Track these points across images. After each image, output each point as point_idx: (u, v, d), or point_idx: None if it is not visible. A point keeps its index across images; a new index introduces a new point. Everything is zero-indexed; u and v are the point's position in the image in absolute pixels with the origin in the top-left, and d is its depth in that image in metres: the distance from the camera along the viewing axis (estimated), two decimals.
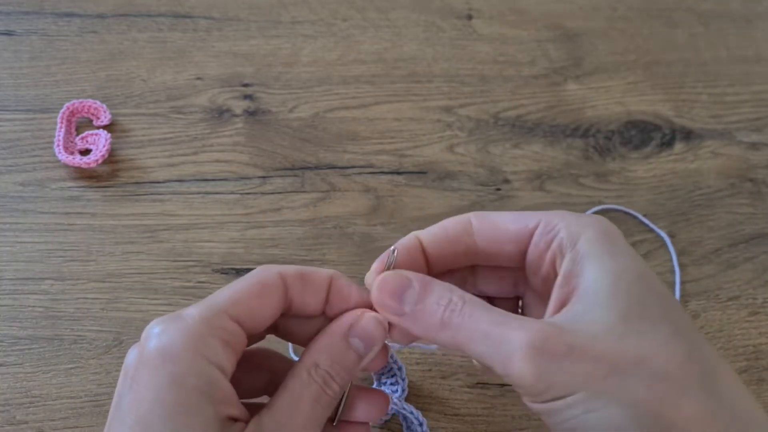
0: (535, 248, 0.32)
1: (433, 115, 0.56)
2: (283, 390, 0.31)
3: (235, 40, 0.59)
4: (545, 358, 0.27)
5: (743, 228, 0.53)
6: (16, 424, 0.42)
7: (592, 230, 0.31)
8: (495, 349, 0.29)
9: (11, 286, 0.46)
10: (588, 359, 0.27)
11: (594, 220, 0.32)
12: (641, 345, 0.27)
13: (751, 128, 0.58)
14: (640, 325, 0.28)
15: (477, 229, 0.33)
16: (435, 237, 0.33)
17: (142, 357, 0.29)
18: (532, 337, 0.28)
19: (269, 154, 0.53)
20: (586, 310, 0.29)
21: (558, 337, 0.28)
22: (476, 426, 0.43)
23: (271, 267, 0.32)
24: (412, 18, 0.62)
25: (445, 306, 0.30)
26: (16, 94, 0.54)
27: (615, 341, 0.27)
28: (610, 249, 0.30)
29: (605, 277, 0.29)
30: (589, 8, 0.64)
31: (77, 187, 0.51)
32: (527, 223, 0.32)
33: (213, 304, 0.30)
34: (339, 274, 0.33)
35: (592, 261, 0.30)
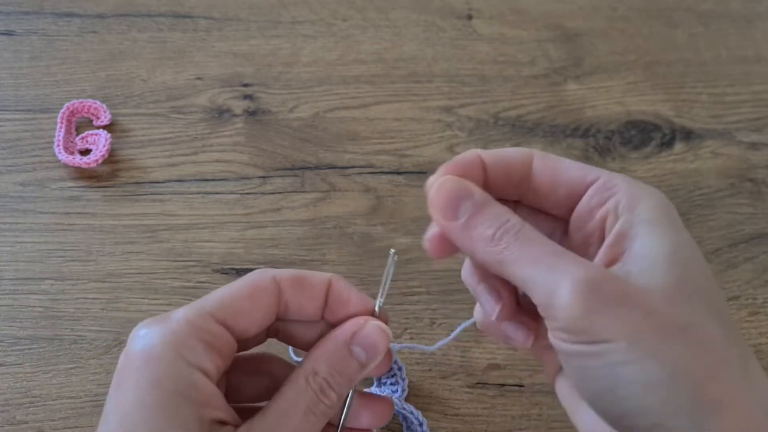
0: (587, 201, 0.31)
1: (433, 115, 0.56)
2: (279, 396, 0.30)
3: (235, 40, 0.59)
4: (598, 297, 0.27)
5: (743, 228, 0.53)
6: (16, 424, 0.42)
7: (653, 199, 0.30)
8: (544, 274, 0.28)
9: (11, 286, 0.46)
10: (640, 311, 0.27)
11: (655, 190, 0.31)
12: (692, 313, 0.27)
13: (751, 128, 0.58)
14: (693, 293, 0.28)
15: (536, 164, 0.32)
16: (495, 159, 0.32)
17: (126, 359, 0.29)
18: (588, 273, 0.27)
19: (269, 154, 0.53)
20: (640, 270, 0.28)
21: (614, 281, 0.27)
22: (476, 426, 0.43)
23: (267, 271, 0.31)
24: (412, 18, 0.62)
25: (501, 224, 0.29)
26: (16, 94, 0.54)
27: (668, 302, 0.27)
28: (670, 221, 0.29)
29: (663, 245, 0.28)
30: (589, 8, 0.64)
31: (77, 187, 0.51)
32: (586, 175, 0.31)
33: (200, 307, 0.30)
34: (338, 278, 0.33)
35: (652, 228, 0.29)
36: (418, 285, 0.48)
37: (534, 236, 0.29)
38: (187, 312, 0.29)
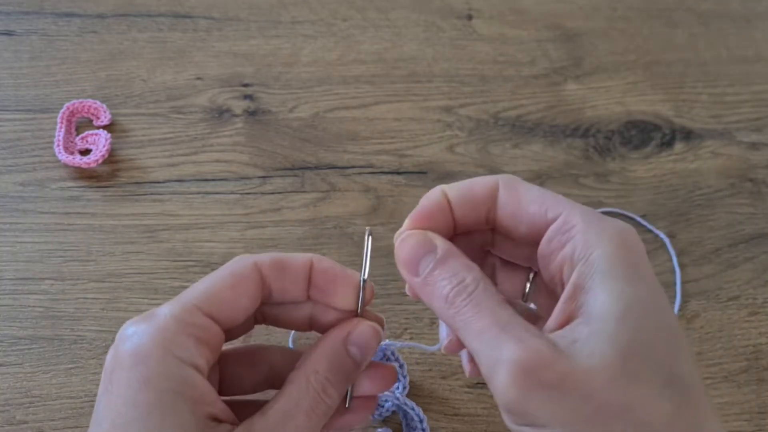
0: (547, 244, 0.30)
1: (433, 115, 0.56)
2: (280, 396, 0.30)
3: (235, 40, 0.59)
4: (533, 381, 0.26)
5: (743, 228, 0.53)
6: (16, 424, 0.42)
7: (611, 244, 0.28)
8: (487, 351, 0.27)
9: (11, 286, 0.46)
10: (576, 395, 0.26)
11: (616, 231, 0.29)
12: (633, 391, 0.26)
13: (751, 128, 0.58)
14: (639, 366, 0.26)
15: (501, 196, 0.31)
16: (461, 195, 0.32)
17: (115, 359, 0.28)
18: (524, 356, 0.26)
19: (269, 154, 0.53)
20: (589, 336, 0.27)
21: (551, 364, 0.26)
22: (476, 426, 0.43)
23: (246, 257, 0.31)
24: (412, 18, 0.62)
25: (456, 284, 0.29)
26: (16, 94, 0.54)
27: (608, 381, 0.26)
28: (626, 271, 0.28)
29: (616, 303, 0.27)
30: (589, 8, 0.64)
31: (77, 187, 0.51)
32: (547, 213, 0.30)
33: (185, 301, 0.29)
34: (319, 258, 0.32)
35: (605, 281, 0.27)
36: None
37: (486, 299, 0.28)
38: (173, 307, 0.29)
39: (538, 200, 0.31)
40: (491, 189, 0.32)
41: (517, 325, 0.28)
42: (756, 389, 0.46)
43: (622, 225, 0.30)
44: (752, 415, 0.45)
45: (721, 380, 0.46)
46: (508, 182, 0.32)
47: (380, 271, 0.48)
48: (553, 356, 0.26)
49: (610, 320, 0.27)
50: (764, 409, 0.45)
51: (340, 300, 0.32)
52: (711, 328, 0.48)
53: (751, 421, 0.45)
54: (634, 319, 0.27)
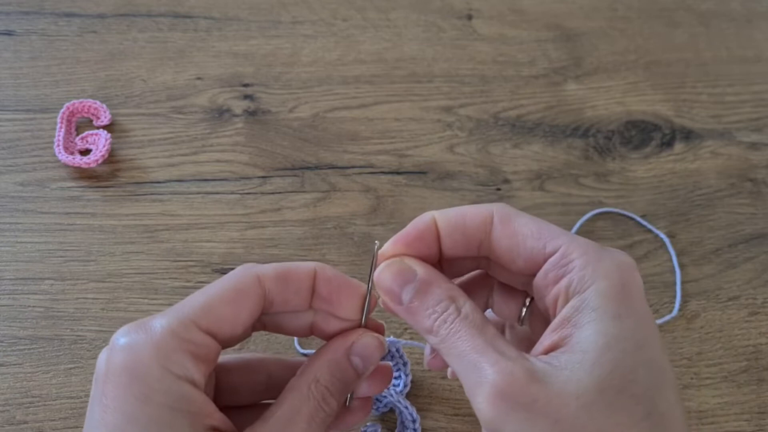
0: (543, 276, 0.30)
1: (433, 115, 0.56)
2: (281, 403, 0.30)
3: (235, 40, 0.59)
4: (506, 404, 0.27)
5: (743, 228, 0.53)
6: (16, 424, 0.42)
7: (606, 282, 0.29)
8: (466, 374, 0.28)
9: (11, 286, 0.46)
10: (547, 419, 0.27)
11: (614, 268, 0.29)
12: (608, 421, 0.27)
13: (751, 128, 0.58)
14: (616, 397, 0.27)
15: (496, 230, 0.31)
16: (451, 224, 0.31)
17: (109, 371, 0.28)
18: (500, 379, 0.27)
19: (269, 154, 0.53)
20: (568, 364, 0.28)
21: (525, 386, 0.27)
22: (476, 426, 0.43)
23: (249, 270, 0.31)
24: (412, 18, 0.62)
25: (439, 314, 0.30)
26: (16, 94, 0.54)
27: (582, 408, 0.27)
28: (617, 308, 0.28)
29: (600, 339, 0.28)
30: (589, 8, 0.64)
31: (77, 187, 0.51)
32: (545, 247, 0.30)
33: (182, 315, 0.29)
34: (323, 268, 0.32)
35: (594, 318, 0.28)
36: None
37: (466, 326, 0.29)
38: (170, 321, 0.28)
39: (535, 234, 0.31)
40: (484, 221, 0.31)
41: (494, 349, 0.28)
42: (756, 389, 0.46)
43: (620, 259, 0.30)
44: (752, 415, 0.45)
45: (721, 380, 0.46)
46: (503, 215, 0.31)
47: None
48: (527, 379, 0.27)
49: (591, 352, 0.27)
50: (764, 409, 0.45)
51: (345, 310, 0.32)
52: (711, 328, 0.48)
53: (751, 421, 0.45)
54: (616, 353, 0.27)
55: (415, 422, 0.42)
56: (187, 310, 0.29)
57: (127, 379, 0.27)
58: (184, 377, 0.28)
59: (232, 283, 0.30)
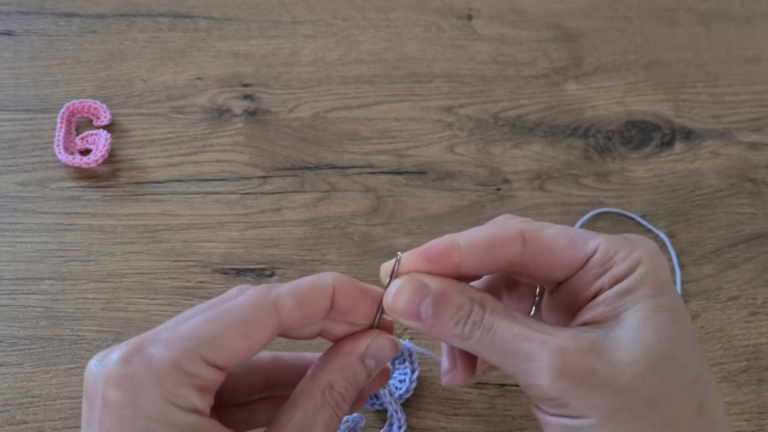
0: (584, 275, 0.31)
1: (433, 115, 0.56)
2: (294, 409, 0.30)
3: (235, 40, 0.59)
4: (567, 380, 0.28)
5: (743, 228, 0.53)
6: (16, 424, 0.42)
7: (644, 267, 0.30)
8: (515, 362, 0.29)
9: (11, 286, 0.46)
10: (607, 388, 0.28)
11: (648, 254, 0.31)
12: (662, 387, 0.28)
13: (751, 128, 0.58)
14: (666, 364, 0.28)
15: (531, 251, 0.31)
16: (477, 251, 0.30)
17: (107, 402, 0.27)
18: (555, 358, 0.28)
19: (269, 154, 0.53)
20: (612, 337, 0.29)
21: (580, 358, 0.28)
22: (476, 426, 0.43)
23: (265, 298, 0.29)
24: (412, 18, 0.62)
25: (466, 318, 0.29)
26: (16, 94, 0.54)
27: (637, 376, 0.28)
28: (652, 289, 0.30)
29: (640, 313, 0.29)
30: (589, 8, 0.64)
31: (77, 187, 0.51)
32: (585, 250, 0.31)
33: (187, 345, 0.27)
34: (341, 281, 0.31)
35: (632, 298, 0.30)
36: None
37: (499, 319, 0.29)
38: (173, 351, 0.27)
39: (570, 243, 0.31)
40: (513, 240, 0.31)
41: (536, 330, 0.29)
42: (756, 389, 0.46)
43: (650, 245, 0.31)
44: (752, 415, 0.45)
45: (721, 380, 0.46)
46: (531, 230, 0.31)
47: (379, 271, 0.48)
48: (579, 352, 0.28)
49: (636, 324, 0.29)
50: (764, 409, 0.45)
51: (361, 318, 0.32)
52: (711, 328, 0.48)
53: (751, 421, 0.45)
54: (656, 323, 0.29)
55: (401, 429, 0.42)
56: (194, 342, 0.27)
57: (130, 412, 0.26)
58: (189, 409, 0.27)
59: (247, 313, 0.28)
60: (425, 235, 0.50)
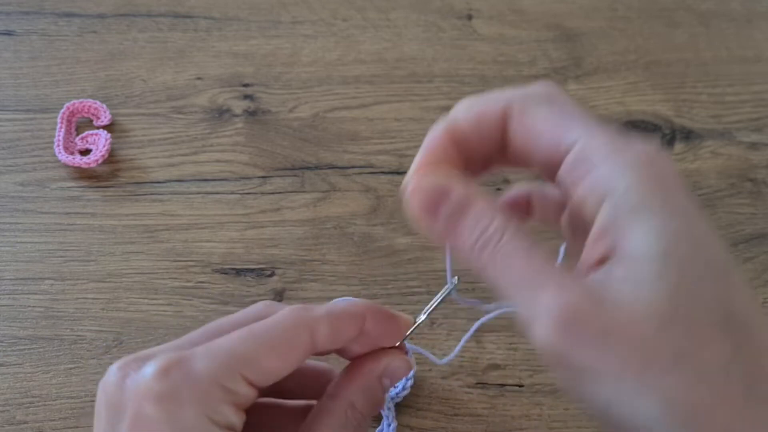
0: (564, 178, 0.27)
1: (434, 116, 0.56)
2: (320, 427, 0.30)
3: (235, 40, 0.59)
4: (574, 334, 0.24)
5: (743, 228, 0.53)
6: (16, 424, 0.42)
7: (640, 173, 0.25)
8: (522, 301, 0.25)
9: (11, 286, 0.46)
10: (624, 346, 0.24)
11: (645, 157, 0.26)
12: (685, 337, 0.24)
13: (751, 128, 0.58)
14: (690, 308, 0.24)
15: (512, 128, 0.28)
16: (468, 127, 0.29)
17: (141, 415, 0.26)
18: (563, 307, 0.24)
19: (269, 154, 0.53)
20: (630, 279, 0.24)
21: (593, 314, 0.24)
22: (476, 426, 0.43)
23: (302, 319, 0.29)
24: (412, 18, 0.62)
25: (480, 233, 0.26)
26: (16, 94, 0.54)
27: (657, 329, 0.24)
28: (661, 202, 0.25)
29: (657, 242, 0.24)
30: (589, 8, 0.64)
31: (77, 187, 0.51)
32: (561, 140, 0.27)
33: (229, 362, 0.27)
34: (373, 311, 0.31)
35: (639, 216, 0.25)
36: (418, 285, 0.48)
37: (514, 247, 0.26)
38: (215, 367, 0.27)
39: (551, 127, 0.27)
40: (501, 116, 0.28)
41: (552, 272, 0.25)
42: None
43: (649, 148, 0.26)
44: None
45: None
46: (520, 106, 0.28)
47: (380, 271, 0.48)
48: (595, 304, 0.24)
49: (650, 260, 0.24)
50: None
51: (388, 343, 0.32)
52: None
53: None
54: (678, 257, 0.24)
55: (390, 426, 0.42)
56: (234, 359, 0.27)
57: (168, 429, 0.26)
58: (227, 426, 0.27)
59: (285, 334, 0.28)
60: (425, 235, 0.50)
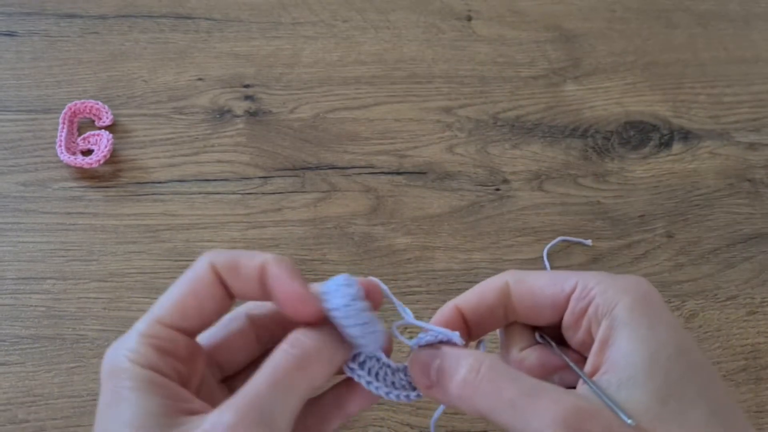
0: (571, 314, 0.32)
1: (433, 116, 0.57)
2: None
3: (236, 41, 0.59)
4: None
5: (741, 228, 0.53)
6: (18, 423, 0.42)
7: (629, 296, 0.30)
8: (522, 420, 0.27)
9: (13, 286, 0.46)
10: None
11: (632, 284, 0.31)
12: (679, 428, 0.27)
13: (749, 128, 0.58)
14: (678, 405, 0.27)
15: (515, 293, 0.33)
16: (473, 305, 0.33)
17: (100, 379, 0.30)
18: (565, 414, 0.26)
19: (270, 155, 0.54)
20: (620, 384, 0.28)
21: (593, 416, 0.27)
22: (476, 426, 0.43)
23: (205, 258, 0.30)
24: (411, 19, 0.62)
25: (467, 370, 0.29)
26: (18, 94, 0.55)
27: (651, 424, 0.27)
28: (647, 319, 0.29)
29: (642, 350, 0.28)
30: (588, 9, 0.64)
31: (79, 187, 0.51)
32: (563, 287, 0.32)
33: (149, 316, 0.30)
34: (274, 261, 0.30)
35: (628, 331, 0.29)
36: (418, 285, 0.48)
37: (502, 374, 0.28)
38: (140, 323, 0.30)
39: (550, 283, 0.32)
40: (501, 289, 0.33)
41: (543, 388, 0.28)
42: (754, 388, 0.46)
43: (635, 278, 0.31)
44: (750, 414, 0.45)
45: None
46: (516, 276, 0.33)
47: (380, 271, 0.48)
48: (593, 409, 0.27)
49: (639, 366, 0.28)
50: (762, 408, 0.45)
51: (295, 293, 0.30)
52: (709, 328, 0.48)
53: (750, 420, 0.45)
54: (662, 363, 0.28)
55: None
56: (153, 311, 0.30)
57: (105, 378, 0.29)
58: (149, 366, 0.29)
59: (188, 277, 0.30)
60: (425, 235, 0.51)
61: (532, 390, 0.28)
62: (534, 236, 0.51)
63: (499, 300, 0.33)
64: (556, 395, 0.27)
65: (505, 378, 0.28)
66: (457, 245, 0.50)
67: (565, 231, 0.51)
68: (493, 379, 0.28)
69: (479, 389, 0.28)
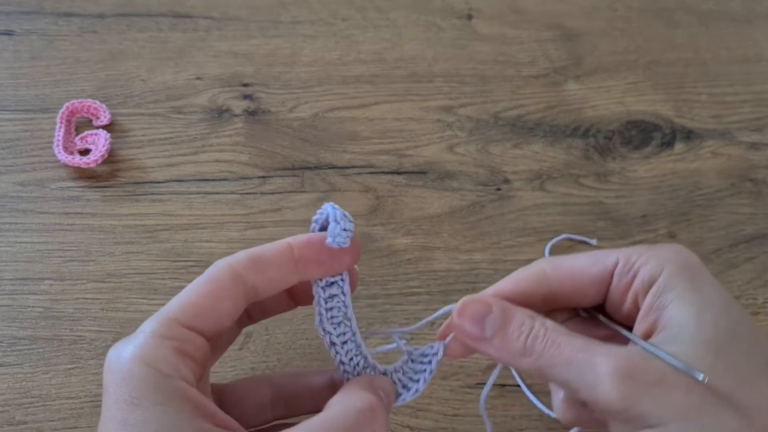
0: (616, 288, 0.32)
1: (433, 115, 0.56)
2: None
3: (235, 40, 0.59)
4: (635, 386, 0.28)
5: (744, 228, 0.53)
6: (16, 425, 0.42)
7: (671, 264, 0.31)
8: (580, 375, 0.29)
9: (10, 287, 0.46)
10: (680, 389, 0.27)
11: (673, 253, 0.32)
12: (733, 377, 0.28)
13: (751, 128, 0.58)
14: (730, 356, 0.28)
15: (553, 278, 0.33)
16: (509, 295, 0.33)
17: (104, 384, 0.28)
18: (620, 364, 0.28)
19: (269, 154, 0.53)
20: (671, 340, 0.29)
21: (647, 365, 0.28)
22: (476, 426, 0.43)
23: (222, 261, 0.31)
24: (412, 18, 0.62)
25: (528, 332, 0.30)
26: (16, 93, 0.54)
27: (707, 372, 0.28)
28: (692, 283, 0.30)
29: (689, 310, 0.29)
30: (590, 8, 0.64)
31: (77, 187, 0.50)
32: (606, 264, 0.32)
33: (164, 315, 0.29)
34: (298, 240, 0.32)
35: (675, 295, 0.30)
36: (418, 285, 0.48)
37: (561, 335, 0.30)
38: (153, 323, 0.29)
39: (591, 262, 0.33)
40: (538, 276, 0.33)
41: (598, 344, 0.29)
42: None
43: (674, 246, 0.32)
44: None
45: None
46: (552, 262, 0.33)
47: (380, 271, 0.48)
48: (645, 360, 0.28)
49: (688, 324, 0.29)
50: None
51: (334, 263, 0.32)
52: None
53: None
54: (711, 319, 0.29)
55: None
56: (167, 310, 0.29)
57: (116, 385, 0.27)
58: (172, 374, 0.27)
59: (206, 277, 0.31)
60: (425, 235, 0.50)
61: (587, 346, 0.29)
62: (535, 236, 0.51)
63: (536, 286, 0.33)
64: (610, 349, 0.29)
65: (563, 336, 0.30)
66: (458, 245, 0.50)
67: (567, 231, 0.51)
68: (554, 340, 0.30)
69: (542, 352, 0.30)
